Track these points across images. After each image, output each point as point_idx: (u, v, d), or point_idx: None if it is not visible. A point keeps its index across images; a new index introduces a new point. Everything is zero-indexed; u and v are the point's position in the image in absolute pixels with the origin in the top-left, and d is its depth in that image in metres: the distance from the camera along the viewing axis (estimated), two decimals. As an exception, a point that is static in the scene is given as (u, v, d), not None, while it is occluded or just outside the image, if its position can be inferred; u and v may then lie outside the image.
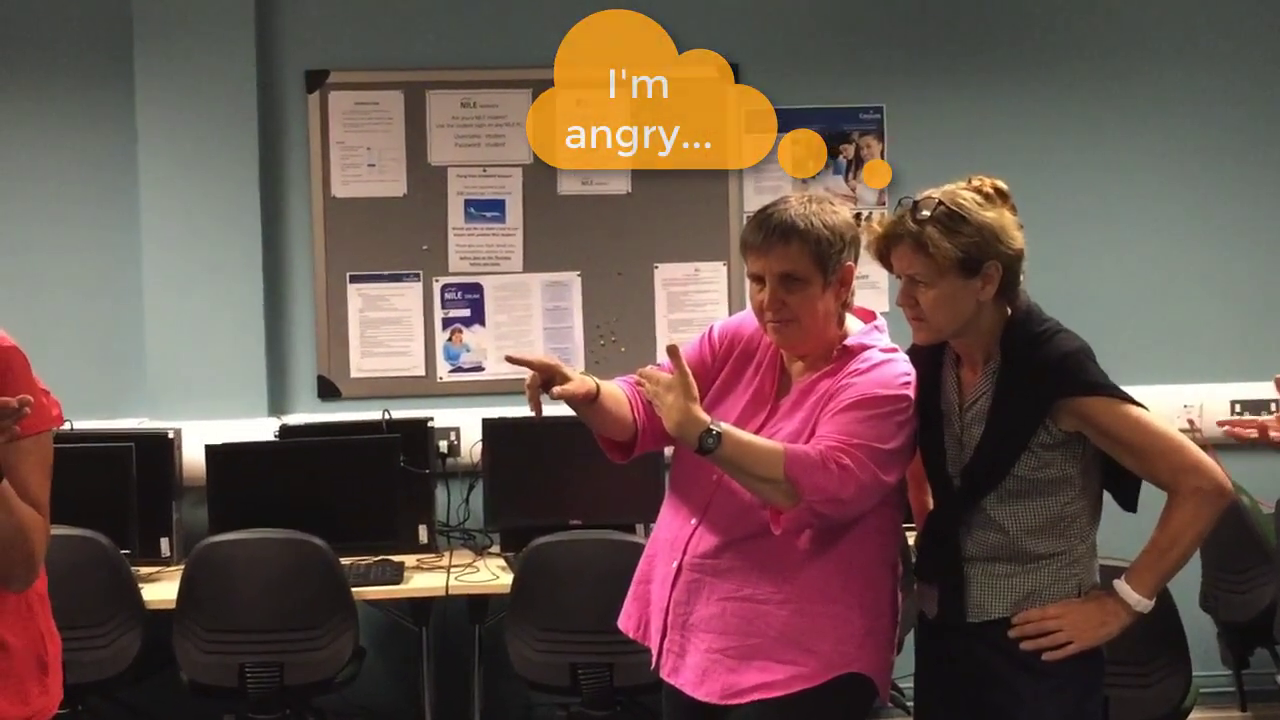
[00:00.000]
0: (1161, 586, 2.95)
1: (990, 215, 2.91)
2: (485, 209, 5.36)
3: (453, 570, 4.79)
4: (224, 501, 4.84)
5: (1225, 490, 2.93)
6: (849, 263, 3.03)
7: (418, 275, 5.34)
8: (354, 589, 4.55)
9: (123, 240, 5.25)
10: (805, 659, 2.97)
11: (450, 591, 4.68)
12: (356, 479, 4.92)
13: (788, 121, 5.42)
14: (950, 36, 5.46)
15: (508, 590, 4.53)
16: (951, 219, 2.88)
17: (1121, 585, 2.92)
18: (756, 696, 2.98)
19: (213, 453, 4.90)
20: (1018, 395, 2.91)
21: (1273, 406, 5.41)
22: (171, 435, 5.00)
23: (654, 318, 5.40)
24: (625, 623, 3.24)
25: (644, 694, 4.38)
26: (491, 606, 4.79)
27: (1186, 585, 4.71)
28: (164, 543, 4.88)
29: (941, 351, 3.07)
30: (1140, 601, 2.91)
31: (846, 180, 5.43)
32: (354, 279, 5.32)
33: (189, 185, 5.18)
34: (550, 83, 5.33)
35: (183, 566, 4.50)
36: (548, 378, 2.97)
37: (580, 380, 3.00)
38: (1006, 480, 2.92)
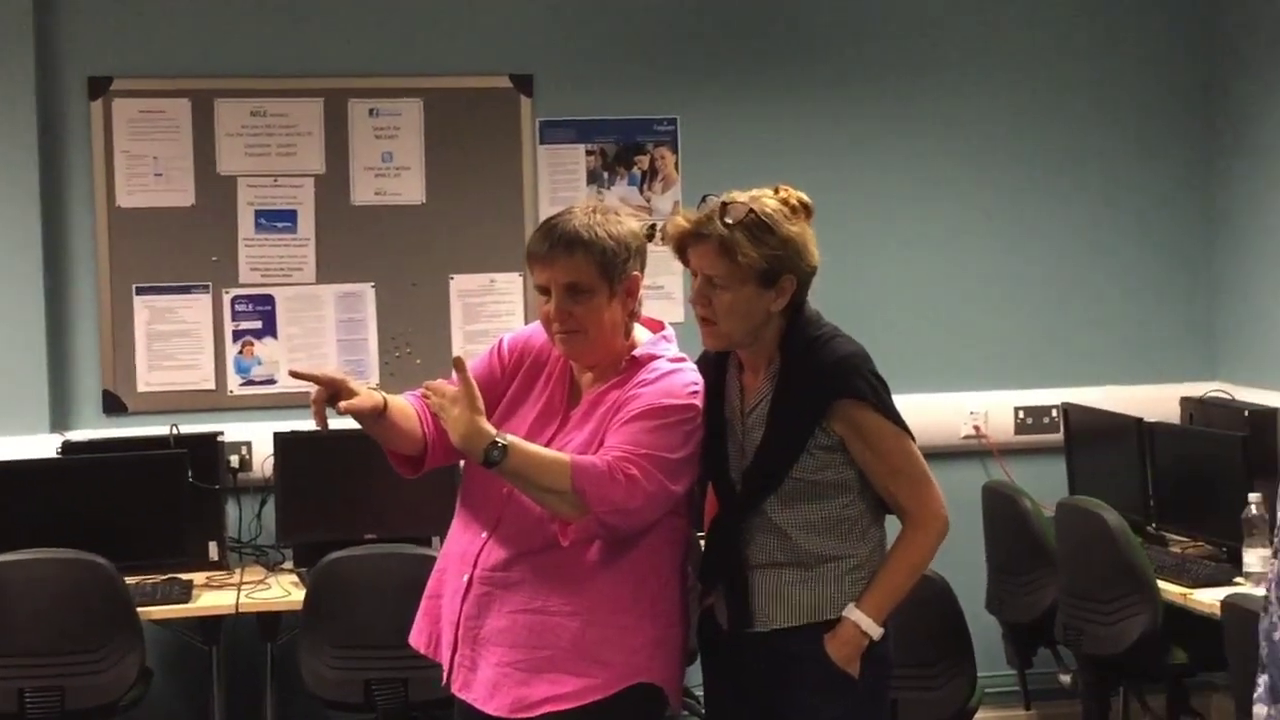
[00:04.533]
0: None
1: (795, 229, 2.95)
2: (276, 219, 5.27)
3: (243, 587, 4.69)
4: (2, 522, 4.67)
5: (948, 525, 3.03)
6: (635, 273, 3.04)
7: (207, 287, 5.23)
8: (140, 609, 4.43)
9: (-105, 251, 5.06)
10: (596, 670, 2.97)
11: (240, 609, 4.59)
12: (143, 496, 4.80)
13: (582, 133, 5.43)
14: (742, 49, 5.52)
15: (300, 607, 4.46)
16: (759, 228, 2.92)
17: (854, 611, 2.97)
18: (548, 709, 2.98)
19: (-11, 471, 4.73)
20: (795, 397, 2.96)
21: (1054, 413, 5.58)
22: (-54, 454, 4.82)
23: (450, 329, 5.36)
24: (416, 638, 3.21)
25: (440, 709, 4.33)
26: (284, 623, 4.71)
27: (972, 588, 4.86)
28: (-62, 565, 4.70)
29: (726, 358, 3.10)
30: (873, 627, 2.96)
31: (641, 192, 5.46)
32: (140, 290, 5.19)
33: (-35, 195, 5.02)
34: (342, 92, 5.27)
35: (-42, 590, 4.34)
36: (334, 392, 2.93)
37: (367, 394, 2.97)
38: (786, 483, 2.96)
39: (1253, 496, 4.36)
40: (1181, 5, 5.76)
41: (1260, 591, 2.75)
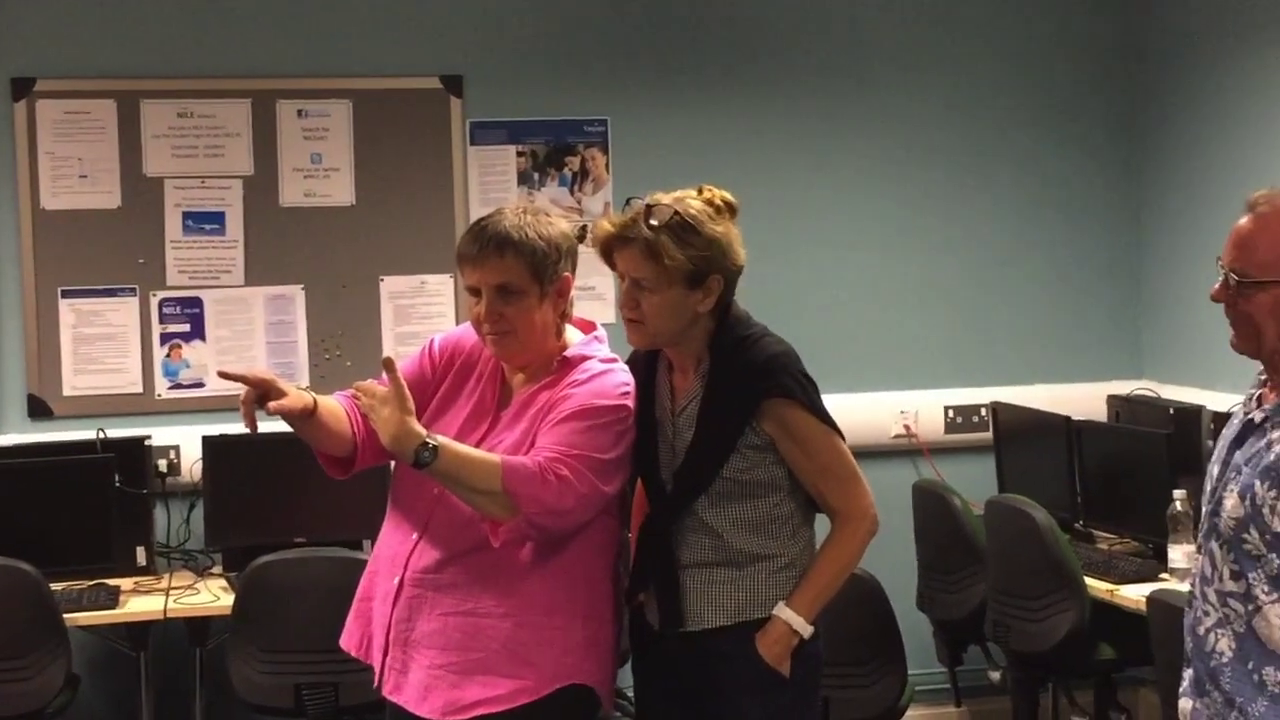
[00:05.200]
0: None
1: (720, 229, 2.96)
2: (204, 221, 5.23)
3: (172, 593, 4.65)
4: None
5: (877, 523, 3.05)
6: (566, 273, 3.04)
7: (134, 289, 5.18)
8: (66, 615, 4.39)
9: None
10: (528, 672, 2.97)
11: (169, 614, 4.55)
12: (69, 501, 4.75)
13: (513, 134, 5.42)
14: (673, 50, 5.53)
15: (229, 611, 4.43)
16: (684, 229, 2.92)
17: (784, 610, 2.98)
18: (479, 712, 2.97)
19: (-90, 478, 4.67)
20: (725, 397, 2.97)
21: (983, 412, 5.62)
22: None
23: (380, 331, 5.33)
24: (347, 641, 3.20)
25: (371, 713, 4.31)
26: (213, 629, 4.67)
27: (903, 587, 4.89)
28: None
29: (657, 359, 3.10)
30: (803, 625, 2.98)
31: (572, 193, 5.46)
32: (66, 294, 5.13)
33: (-115, 197, 4.95)
34: (270, 93, 5.24)
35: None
36: (263, 393, 2.91)
37: (297, 395, 2.95)
38: (716, 482, 2.97)
39: (1177, 493, 4.41)
40: (1109, 8, 5.82)
41: (1185, 587, 2.78)
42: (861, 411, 5.41)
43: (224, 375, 2.96)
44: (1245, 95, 5.26)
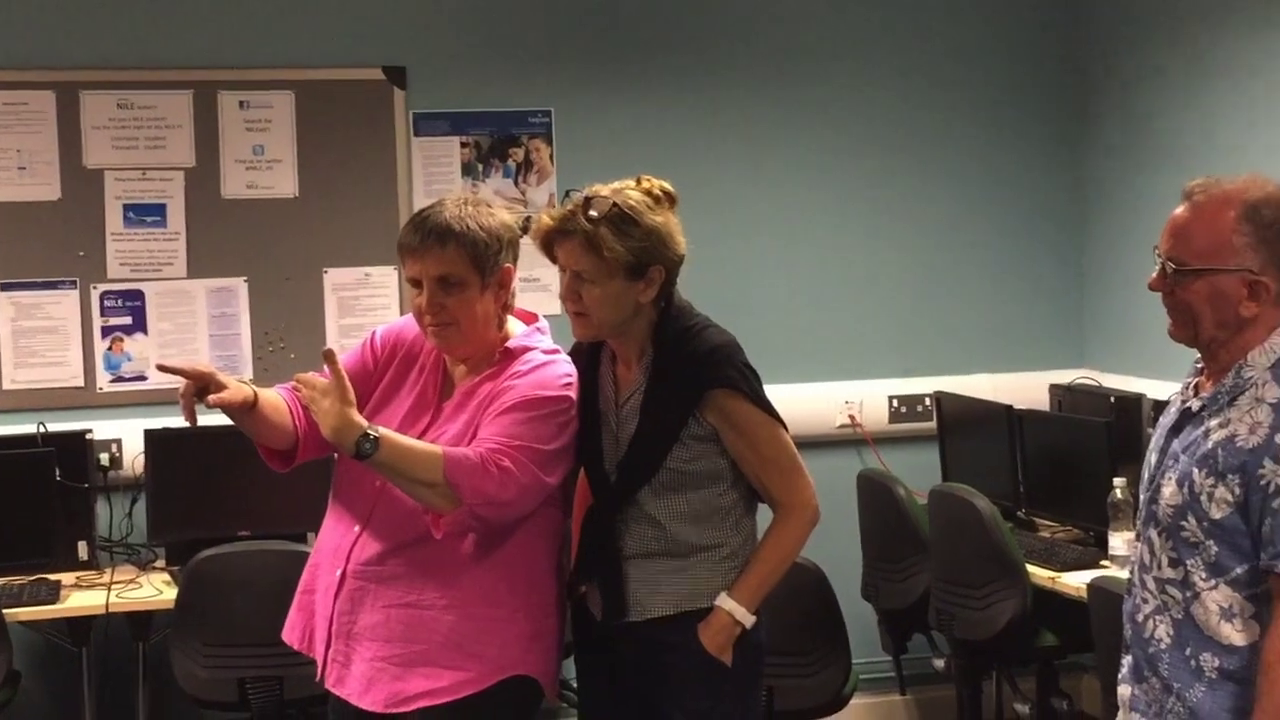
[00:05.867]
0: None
1: (659, 219, 2.97)
2: (145, 213, 5.18)
3: (114, 587, 4.61)
4: None
5: (818, 514, 3.07)
6: (508, 265, 3.04)
7: (74, 282, 5.13)
8: (6, 610, 4.34)
9: None
10: (470, 664, 2.98)
11: (111, 609, 4.52)
12: (10, 495, 4.70)
13: (457, 125, 5.40)
14: (617, 41, 5.52)
15: (172, 605, 4.40)
16: (623, 220, 2.92)
17: (726, 600, 2.99)
18: (422, 704, 2.97)
19: None
20: (669, 388, 2.98)
21: (927, 401, 5.65)
22: None
23: (324, 323, 5.30)
24: (289, 634, 3.19)
25: (316, 706, 4.29)
26: (156, 623, 4.65)
27: (848, 576, 4.91)
28: None
29: (600, 350, 3.10)
30: (745, 615, 2.99)
31: (517, 184, 5.45)
32: (5, 287, 5.08)
33: None
34: (212, 83, 5.20)
35: None
36: (202, 386, 2.90)
37: (237, 388, 2.94)
38: (660, 473, 2.97)
39: (1117, 481, 4.45)
40: (1051, 9, 5.86)
41: (1125, 574, 2.81)
42: (806, 402, 5.43)
43: (163, 369, 2.95)
44: (1186, 87, 5.30)
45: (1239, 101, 5.04)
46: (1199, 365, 2.68)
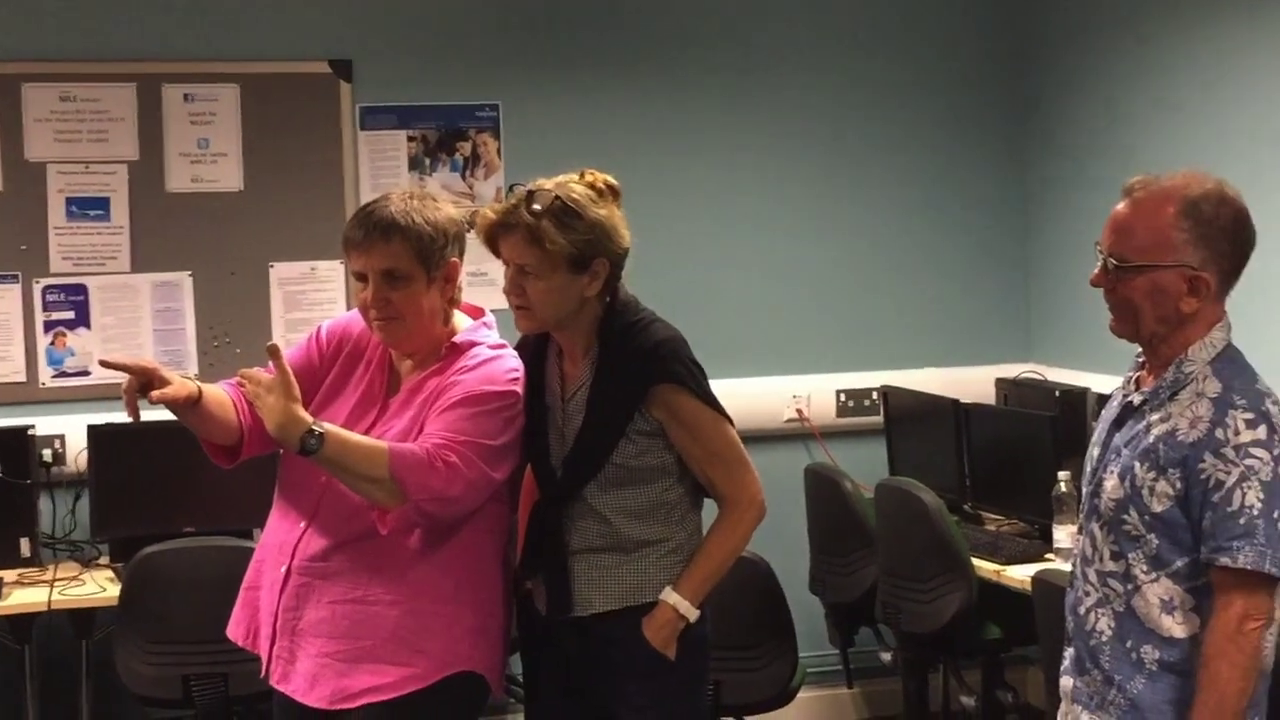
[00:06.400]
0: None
1: (602, 212, 2.96)
2: (89, 207, 5.14)
3: (57, 584, 4.57)
4: None
5: (764, 509, 3.08)
6: (454, 259, 3.03)
7: (16, 276, 5.08)
8: (-54, 609, 4.32)
9: None
10: (416, 660, 2.97)
11: (53, 606, 4.47)
12: (-50, 492, 4.67)
13: (404, 119, 5.38)
14: (565, 34, 5.51)
15: (116, 602, 4.36)
16: (566, 214, 2.92)
17: (670, 594, 2.99)
18: (368, 700, 2.96)
19: None
20: (614, 383, 2.98)
21: (874, 395, 5.67)
22: None
23: (270, 318, 5.26)
24: (234, 630, 3.18)
25: (261, 703, 4.26)
26: (99, 620, 4.60)
27: (796, 570, 4.93)
28: None
29: (546, 345, 3.10)
30: (689, 609, 2.99)
31: (464, 178, 5.43)
32: (-55, 281, 5.04)
33: None
34: (156, 76, 5.16)
35: None
36: (145, 381, 2.88)
37: (180, 383, 2.92)
38: (606, 468, 2.97)
39: (1062, 474, 4.47)
40: (996, 6, 5.89)
41: (1069, 567, 2.83)
42: (754, 396, 5.44)
43: (105, 364, 2.93)
44: (1128, 85, 5.34)
45: (1181, 99, 5.08)
46: (1140, 360, 2.70)
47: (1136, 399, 2.64)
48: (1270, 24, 4.71)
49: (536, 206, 2.91)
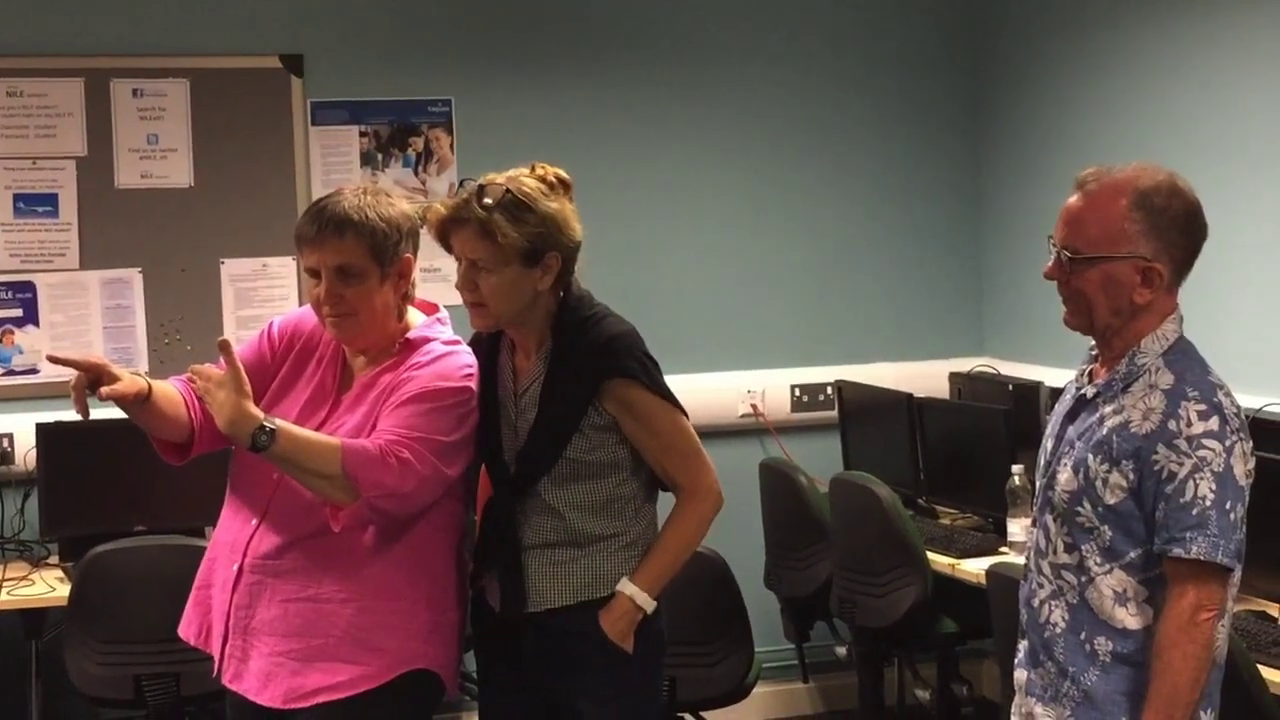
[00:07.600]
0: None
1: (554, 205, 2.95)
2: (36, 203, 5.09)
3: (5, 584, 4.53)
4: None
5: (721, 499, 3.07)
6: (407, 255, 3.02)
7: (-37, 274, 5.04)
8: (-106, 609, 4.27)
9: None
10: (370, 658, 2.95)
11: (2, 607, 4.44)
12: (-103, 492, 4.62)
13: (355, 114, 5.35)
14: (518, 29, 5.49)
15: (66, 602, 4.32)
16: (518, 207, 2.91)
17: (627, 585, 2.99)
18: (321, 699, 2.94)
19: None
20: (568, 377, 2.97)
21: (828, 389, 5.68)
22: None
23: (221, 314, 5.23)
24: (186, 630, 3.15)
25: (214, 702, 4.23)
26: (49, 620, 4.57)
27: (750, 566, 4.93)
28: None
29: (499, 340, 3.09)
30: (646, 600, 2.99)
31: (417, 174, 5.41)
32: (-108, 279, 4.99)
33: None
34: (105, 71, 5.11)
35: None
36: (94, 378, 2.84)
37: (130, 380, 2.89)
38: (559, 463, 2.96)
39: (1015, 468, 4.49)
40: (948, 4, 5.91)
41: (1023, 560, 2.84)
42: (708, 391, 5.44)
43: (54, 360, 2.90)
44: (1079, 80, 5.37)
45: (1130, 94, 5.11)
46: (1094, 352, 2.71)
47: (1090, 391, 2.65)
48: (1217, 21, 4.75)
49: (488, 200, 2.90)
